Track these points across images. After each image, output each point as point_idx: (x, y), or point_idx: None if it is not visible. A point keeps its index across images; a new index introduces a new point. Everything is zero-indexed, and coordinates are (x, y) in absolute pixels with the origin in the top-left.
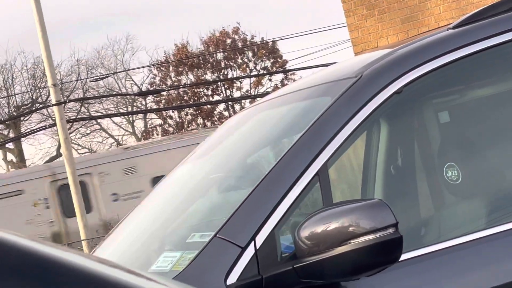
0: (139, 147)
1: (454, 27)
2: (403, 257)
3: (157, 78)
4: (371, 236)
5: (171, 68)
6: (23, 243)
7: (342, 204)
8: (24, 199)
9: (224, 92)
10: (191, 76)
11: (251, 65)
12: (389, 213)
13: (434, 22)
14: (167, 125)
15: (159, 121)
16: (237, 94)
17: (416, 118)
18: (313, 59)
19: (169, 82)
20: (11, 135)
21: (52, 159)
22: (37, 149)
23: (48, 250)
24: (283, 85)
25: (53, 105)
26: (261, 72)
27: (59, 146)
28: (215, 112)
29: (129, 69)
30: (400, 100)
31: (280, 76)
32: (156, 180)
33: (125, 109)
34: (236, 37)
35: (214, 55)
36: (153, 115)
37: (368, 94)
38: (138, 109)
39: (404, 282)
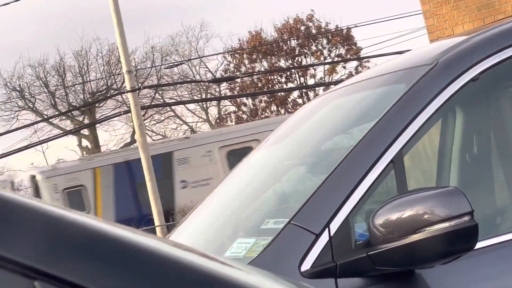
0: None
1: None
2: (479, 245)
3: (231, 65)
4: (446, 224)
5: (245, 55)
6: (96, 225)
7: (417, 192)
8: None
9: (298, 79)
10: (265, 63)
11: (325, 52)
12: (464, 201)
13: (510, 9)
14: (241, 112)
15: (233, 108)
16: (311, 81)
17: (492, 106)
18: (388, 47)
19: (243, 69)
20: (86, 121)
21: (126, 145)
22: (111, 135)
23: (123, 233)
24: (357, 72)
25: (127, 91)
26: (335, 59)
27: (133, 133)
28: (289, 99)
29: (203, 56)
30: (476, 87)
31: (354, 63)
32: None
33: (199, 96)
34: (310, 24)
35: (288, 42)
36: (227, 102)
37: (444, 81)
38: (212, 96)
39: (479, 271)
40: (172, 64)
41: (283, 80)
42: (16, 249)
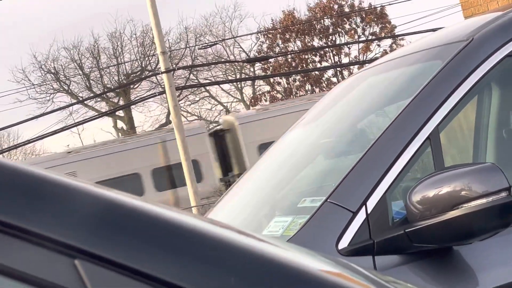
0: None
1: None
2: None
3: (265, 45)
4: (483, 200)
5: (278, 35)
6: (138, 204)
7: (454, 168)
8: None
9: (332, 58)
10: (298, 43)
11: (359, 30)
12: (501, 177)
13: None
14: (275, 92)
15: (267, 88)
16: (345, 60)
17: None
18: (422, 24)
19: (276, 49)
20: (121, 103)
21: (161, 127)
22: (146, 116)
23: (161, 211)
24: (392, 50)
25: (162, 72)
26: (370, 37)
27: (168, 114)
28: (323, 79)
29: (237, 36)
30: None
31: (388, 41)
32: None
33: (234, 76)
34: (344, 2)
35: (322, 21)
36: (261, 82)
37: (480, 57)
38: (247, 76)
39: None
40: (206, 44)
41: (317, 59)
42: (56, 228)
